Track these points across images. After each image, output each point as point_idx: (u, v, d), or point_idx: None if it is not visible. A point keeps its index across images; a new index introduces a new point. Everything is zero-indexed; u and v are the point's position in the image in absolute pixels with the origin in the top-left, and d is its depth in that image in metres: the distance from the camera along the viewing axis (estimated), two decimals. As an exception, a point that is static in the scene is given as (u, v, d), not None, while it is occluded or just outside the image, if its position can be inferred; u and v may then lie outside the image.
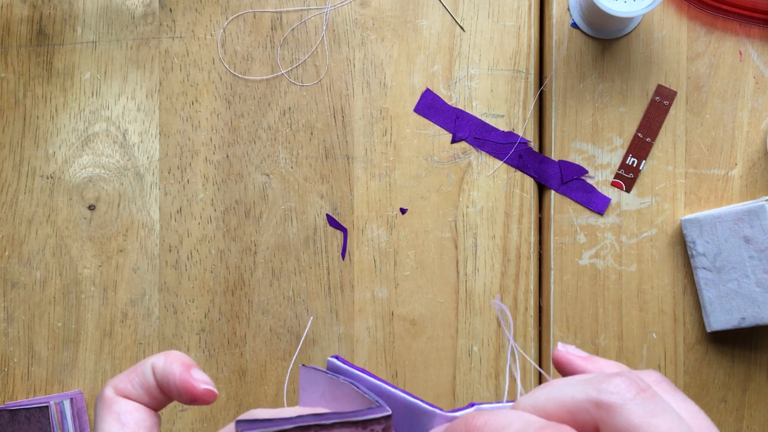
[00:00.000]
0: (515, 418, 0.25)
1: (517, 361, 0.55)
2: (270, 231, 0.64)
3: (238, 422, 0.25)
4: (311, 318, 0.63)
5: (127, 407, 0.30)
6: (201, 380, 0.31)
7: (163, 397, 0.31)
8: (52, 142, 0.64)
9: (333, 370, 0.31)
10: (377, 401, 0.28)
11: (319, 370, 0.30)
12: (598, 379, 0.24)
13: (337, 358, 0.31)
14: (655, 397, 0.23)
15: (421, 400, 0.30)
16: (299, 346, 0.48)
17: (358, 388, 0.29)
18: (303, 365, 0.30)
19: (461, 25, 0.63)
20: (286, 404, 0.63)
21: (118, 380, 0.31)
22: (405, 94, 0.63)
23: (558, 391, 0.26)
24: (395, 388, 0.30)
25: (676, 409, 0.25)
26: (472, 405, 0.31)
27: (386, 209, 0.63)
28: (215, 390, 0.31)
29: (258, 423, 0.25)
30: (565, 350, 0.31)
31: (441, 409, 0.30)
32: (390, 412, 0.27)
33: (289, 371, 0.64)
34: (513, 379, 0.61)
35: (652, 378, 0.26)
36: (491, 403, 0.31)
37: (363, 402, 0.29)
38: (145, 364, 0.31)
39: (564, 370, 0.31)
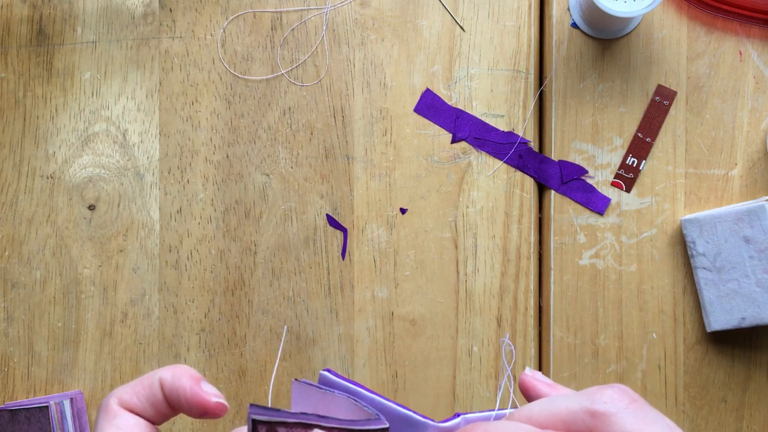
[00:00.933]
0: (512, 428, 0.26)
1: (511, 390, 0.55)
2: (270, 231, 0.64)
3: (251, 406, 0.26)
4: (285, 327, 0.63)
5: (128, 423, 0.30)
6: (212, 393, 0.31)
7: (169, 411, 0.31)
8: (52, 142, 0.64)
9: (326, 383, 0.31)
10: (377, 414, 0.29)
11: (312, 384, 0.31)
12: (592, 390, 0.26)
13: (329, 371, 0.31)
14: (646, 407, 0.25)
15: (414, 412, 0.30)
16: (278, 356, 0.48)
17: (356, 401, 0.30)
18: (295, 380, 0.31)
19: (461, 25, 0.63)
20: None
21: (123, 391, 0.31)
22: (405, 94, 0.63)
23: (553, 403, 0.27)
24: (388, 400, 0.31)
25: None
26: (458, 415, 0.31)
27: (386, 209, 0.63)
28: (226, 403, 0.31)
29: (267, 410, 0.26)
30: (532, 375, 0.33)
31: (433, 420, 0.31)
32: (387, 425, 0.27)
33: (273, 375, 0.64)
34: (506, 392, 0.61)
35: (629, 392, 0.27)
36: (475, 412, 0.32)
37: (361, 414, 0.29)
38: (153, 378, 0.31)
39: (528, 393, 0.33)
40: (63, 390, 0.64)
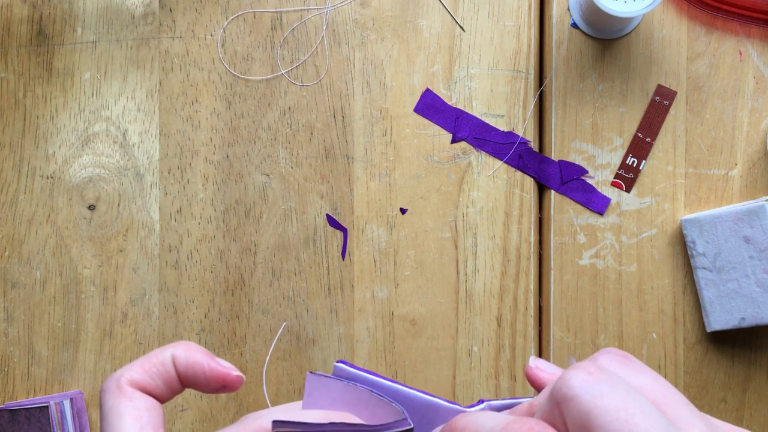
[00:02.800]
0: (489, 417, 0.26)
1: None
2: (270, 231, 0.64)
3: (275, 422, 0.26)
4: (285, 323, 0.63)
5: (146, 404, 0.29)
6: (230, 367, 0.31)
7: (179, 388, 0.31)
8: (52, 142, 0.64)
9: (342, 375, 0.30)
10: (402, 412, 0.29)
11: (330, 377, 0.30)
12: (556, 381, 0.25)
13: (343, 362, 0.31)
14: (602, 379, 0.23)
15: (439, 398, 0.30)
16: (270, 350, 0.48)
17: (381, 396, 0.29)
18: (310, 372, 0.30)
19: (461, 25, 0.63)
20: (269, 404, 0.63)
21: (133, 371, 0.30)
22: (405, 94, 0.63)
23: (545, 390, 0.27)
24: (411, 388, 0.30)
25: (632, 382, 0.25)
26: (482, 401, 0.31)
27: (386, 209, 0.63)
28: (243, 375, 0.31)
29: (292, 425, 0.26)
30: (536, 366, 0.32)
31: (459, 405, 0.31)
32: (412, 426, 0.28)
33: (265, 367, 0.64)
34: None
35: (608, 357, 0.27)
36: (499, 399, 0.32)
37: (383, 408, 0.29)
38: (163, 355, 0.30)
39: (535, 386, 0.32)
40: (63, 390, 0.64)
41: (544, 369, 0.32)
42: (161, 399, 0.30)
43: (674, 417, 0.24)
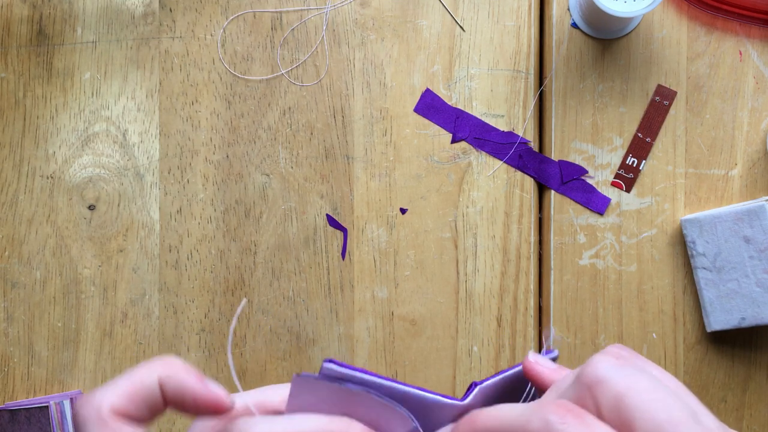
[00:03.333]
0: (509, 407, 0.27)
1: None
2: (270, 231, 0.64)
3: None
4: (244, 300, 0.63)
5: None
6: (223, 394, 0.28)
7: (163, 410, 0.29)
8: (52, 142, 0.64)
9: (333, 376, 0.29)
10: (405, 412, 0.28)
11: (318, 378, 0.28)
12: (581, 367, 0.27)
13: (332, 362, 0.29)
14: (628, 364, 0.26)
15: (438, 394, 0.30)
16: (231, 328, 0.46)
17: (380, 397, 0.29)
18: (296, 374, 0.28)
19: (461, 25, 0.63)
20: (240, 389, 0.63)
21: (115, 397, 0.27)
22: (405, 94, 0.63)
23: (558, 388, 0.27)
24: (407, 386, 0.30)
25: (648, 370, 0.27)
26: (475, 385, 0.31)
27: (386, 209, 0.63)
28: (234, 402, 0.29)
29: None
30: (535, 361, 0.32)
31: (457, 399, 0.30)
32: (416, 425, 0.28)
33: (229, 342, 0.63)
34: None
35: (618, 351, 0.29)
36: (488, 378, 0.31)
37: (381, 409, 0.29)
38: (148, 378, 0.28)
39: (534, 381, 0.32)
40: (63, 390, 0.64)
41: (542, 364, 0.32)
42: (144, 423, 0.28)
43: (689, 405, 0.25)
